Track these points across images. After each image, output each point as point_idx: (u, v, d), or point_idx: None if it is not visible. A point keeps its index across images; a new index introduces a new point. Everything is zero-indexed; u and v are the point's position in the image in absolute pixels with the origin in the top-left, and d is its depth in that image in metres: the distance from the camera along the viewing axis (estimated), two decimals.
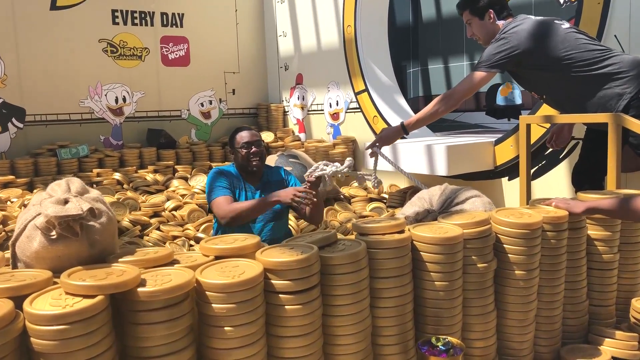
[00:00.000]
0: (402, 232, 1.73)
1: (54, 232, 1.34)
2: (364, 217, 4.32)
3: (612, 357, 2.03)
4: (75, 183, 1.49)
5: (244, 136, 3.03)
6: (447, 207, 2.40)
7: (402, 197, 4.60)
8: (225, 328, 1.35)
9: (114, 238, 1.49)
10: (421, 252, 1.73)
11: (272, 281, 1.45)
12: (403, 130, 2.96)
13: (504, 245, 1.90)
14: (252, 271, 1.40)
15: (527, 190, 3.03)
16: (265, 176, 3.15)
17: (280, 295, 1.44)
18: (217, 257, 1.53)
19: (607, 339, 2.09)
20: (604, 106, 2.68)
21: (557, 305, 2.04)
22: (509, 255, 1.90)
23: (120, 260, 1.42)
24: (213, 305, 1.34)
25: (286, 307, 1.44)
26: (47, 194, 1.46)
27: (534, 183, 3.73)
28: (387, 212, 4.43)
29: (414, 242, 1.74)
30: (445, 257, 1.72)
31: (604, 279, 2.21)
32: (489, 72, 2.81)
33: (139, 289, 1.26)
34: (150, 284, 1.29)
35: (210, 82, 6.44)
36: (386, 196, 4.81)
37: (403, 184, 4.98)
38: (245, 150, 2.99)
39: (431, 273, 1.73)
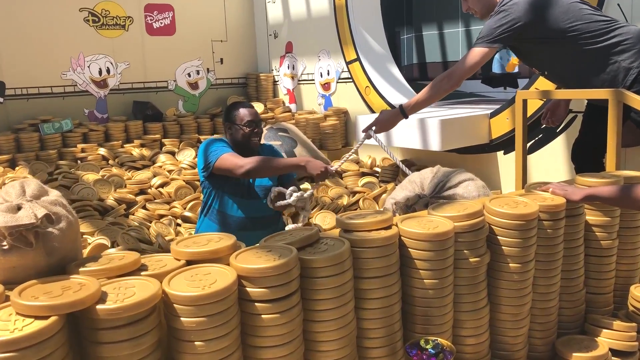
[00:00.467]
0: (389, 227, 1.61)
1: (5, 243, 1.23)
2: (356, 192, 4.22)
3: (610, 349, 1.95)
4: (32, 185, 1.36)
5: (247, 114, 2.88)
6: (439, 192, 2.29)
7: (395, 171, 4.49)
8: (196, 343, 1.25)
9: (75, 243, 1.38)
10: (409, 249, 1.63)
11: (247, 289, 1.34)
12: (402, 114, 2.81)
13: (498, 237, 1.80)
14: (224, 280, 1.29)
15: (523, 167, 2.91)
16: (257, 153, 3.05)
17: (256, 303, 1.34)
18: (188, 261, 1.42)
19: (604, 330, 2.01)
20: (611, 81, 2.55)
21: (553, 296, 1.95)
22: (503, 247, 1.80)
23: (81, 269, 1.30)
24: (182, 318, 1.24)
25: (263, 316, 1.34)
26: (1, 198, 1.34)
27: (530, 157, 3.62)
28: (380, 187, 4.32)
29: (402, 237, 1.63)
30: (435, 254, 1.62)
31: (601, 265, 2.12)
32: (490, 47, 2.65)
33: (98, 307, 1.15)
34: (111, 300, 1.18)
35: (197, 52, 6.23)
36: (379, 170, 4.70)
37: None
38: (249, 129, 2.86)
39: (420, 271, 1.63)
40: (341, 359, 1.49)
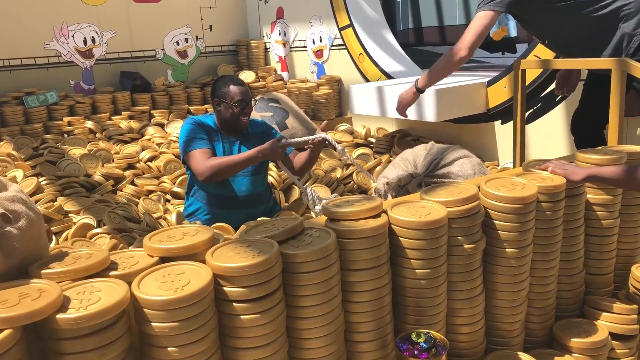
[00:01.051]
0: (378, 216, 1.51)
1: None
2: (349, 165, 4.11)
3: (610, 333, 1.88)
4: None
5: (237, 92, 2.78)
6: (433, 170, 2.18)
7: (390, 142, 4.37)
8: (169, 349, 1.16)
9: (39, 241, 1.28)
10: (400, 238, 1.53)
11: (225, 288, 1.25)
12: (417, 90, 2.71)
13: (494, 222, 1.70)
14: (199, 280, 1.19)
15: (521, 141, 2.81)
16: (246, 132, 2.94)
17: (234, 304, 1.25)
18: (162, 258, 1.32)
19: (604, 313, 1.94)
20: (614, 48, 2.42)
21: (551, 280, 1.87)
22: (499, 232, 1.70)
23: (44, 271, 1.20)
24: (153, 324, 1.15)
25: (242, 317, 1.25)
26: None
27: (528, 127, 3.50)
28: (374, 158, 4.21)
29: (392, 226, 1.54)
30: (428, 243, 1.52)
31: (602, 245, 2.04)
32: (494, 10, 2.51)
33: (59, 316, 1.06)
34: (74, 307, 1.09)
35: (185, 19, 6.01)
36: (373, 140, 4.58)
37: (390, 127, 4.74)
38: (238, 109, 2.77)
39: (411, 260, 1.54)
40: (328, 355, 1.41)
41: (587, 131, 2.77)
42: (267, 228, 1.45)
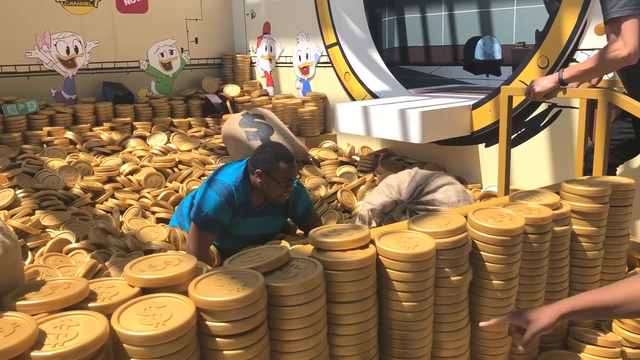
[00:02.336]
0: (366, 246, 1.49)
1: None
2: (334, 183, 4.09)
3: None
4: None
5: (288, 171, 2.56)
6: (417, 197, 2.17)
7: (374, 161, 4.36)
8: None
9: (14, 271, 1.22)
10: (387, 269, 1.51)
11: (208, 323, 1.21)
12: (560, 83, 2.51)
13: (481, 253, 1.69)
14: (181, 315, 1.15)
15: (506, 166, 2.81)
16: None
17: (217, 339, 1.21)
18: (143, 289, 1.28)
19: (587, 345, 1.93)
20: None
21: None
22: (486, 263, 1.69)
23: (19, 302, 1.15)
24: None
25: (225, 352, 1.21)
26: None
27: (513, 151, 3.51)
28: (358, 177, 4.20)
29: (380, 257, 1.51)
30: (415, 275, 1.50)
31: (586, 277, 2.04)
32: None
33: (33, 354, 1.01)
34: (50, 344, 1.04)
35: (170, 30, 5.97)
36: (357, 158, 4.57)
37: (375, 146, 4.74)
38: (283, 186, 2.57)
39: (398, 292, 1.51)
40: None
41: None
42: (253, 258, 1.41)
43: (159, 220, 3.51)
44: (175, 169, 4.36)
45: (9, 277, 1.21)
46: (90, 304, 1.20)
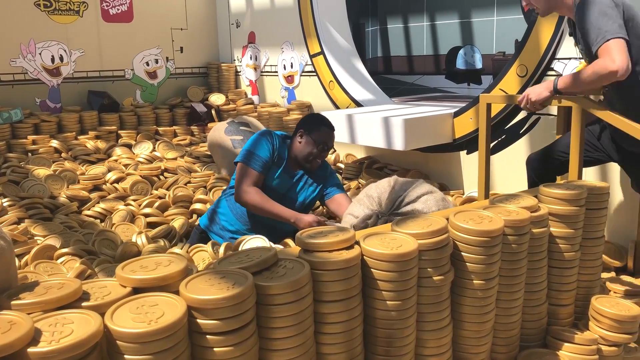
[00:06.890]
0: (351, 247, 1.54)
1: None
2: None
3: None
4: None
5: (327, 135, 2.78)
6: (397, 208, 2.22)
7: (359, 168, 4.43)
8: None
9: (8, 272, 1.25)
10: (372, 269, 1.56)
11: (199, 320, 1.25)
12: (555, 92, 2.57)
13: (462, 254, 1.75)
14: (173, 313, 1.19)
15: (486, 172, 2.89)
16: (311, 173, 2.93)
17: (208, 336, 1.25)
18: (135, 289, 1.31)
19: (565, 343, 2.00)
20: None
21: (516, 311, 1.92)
22: (467, 264, 1.75)
23: (14, 302, 1.18)
24: (126, 356, 1.14)
25: (215, 349, 1.25)
26: None
27: (493, 157, 3.60)
28: (344, 184, 4.25)
29: (365, 257, 1.56)
30: (399, 274, 1.55)
31: (563, 277, 2.10)
32: (624, 37, 2.32)
33: (30, 350, 1.04)
34: (45, 340, 1.07)
35: (156, 40, 6.01)
36: (342, 166, 4.63)
37: (359, 154, 4.80)
38: (318, 150, 2.77)
39: (382, 292, 1.56)
40: None
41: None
42: (242, 259, 1.45)
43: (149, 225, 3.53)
44: (161, 177, 4.39)
45: (4, 278, 1.24)
46: (83, 303, 1.24)
